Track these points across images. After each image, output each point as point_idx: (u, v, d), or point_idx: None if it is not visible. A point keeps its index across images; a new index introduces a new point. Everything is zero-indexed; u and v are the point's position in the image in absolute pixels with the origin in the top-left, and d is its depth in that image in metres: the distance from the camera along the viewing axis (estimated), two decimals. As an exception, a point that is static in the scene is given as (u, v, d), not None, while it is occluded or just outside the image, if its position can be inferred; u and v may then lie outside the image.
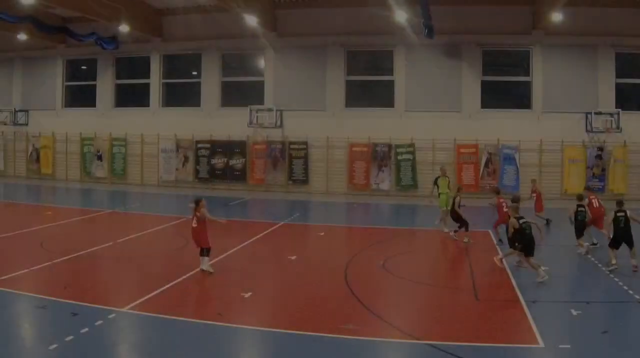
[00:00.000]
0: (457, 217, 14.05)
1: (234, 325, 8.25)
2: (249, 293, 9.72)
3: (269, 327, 8.24)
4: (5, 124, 29.13)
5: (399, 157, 22.87)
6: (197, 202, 10.93)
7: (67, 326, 8.04)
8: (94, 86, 28.30)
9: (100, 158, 27.61)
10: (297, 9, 24.45)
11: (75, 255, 12.48)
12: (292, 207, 20.85)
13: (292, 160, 24.34)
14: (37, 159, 29.25)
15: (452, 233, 14.22)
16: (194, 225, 10.93)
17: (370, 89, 24.68)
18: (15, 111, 29.19)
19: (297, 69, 24.61)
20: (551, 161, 21.62)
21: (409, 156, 22.70)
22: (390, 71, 23.65)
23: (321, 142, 23.94)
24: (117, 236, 14.38)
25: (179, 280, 10.50)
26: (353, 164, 23.54)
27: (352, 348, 7.48)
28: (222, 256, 12.29)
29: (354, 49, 24.14)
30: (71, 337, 7.54)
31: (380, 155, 23.12)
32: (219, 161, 25.41)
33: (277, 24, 24.79)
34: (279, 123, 24.36)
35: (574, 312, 8.76)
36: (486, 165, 22.09)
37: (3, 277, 10.36)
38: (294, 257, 12.67)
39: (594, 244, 13.01)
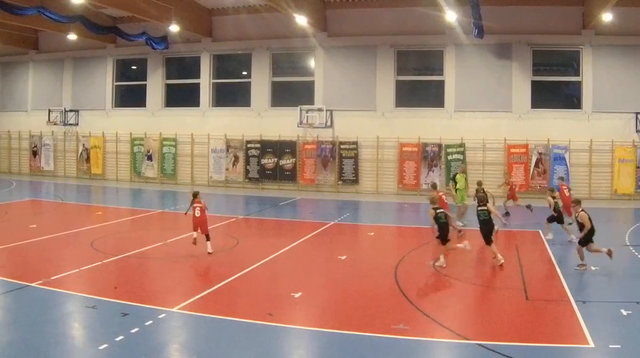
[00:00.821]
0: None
1: (284, 325, 9.17)
2: (299, 293, 10.83)
3: (319, 327, 9.15)
4: (55, 124, 33.39)
5: (449, 157, 25.86)
6: (196, 195, 14.47)
7: (117, 326, 8.95)
8: (144, 86, 32.17)
9: (150, 158, 31.24)
10: (347, 9, 27.69)
11: (125, 255, 14.04)
12: (342, 207, 23.16)
13: (342, 160, 27.63)
14: (87, 159, 33.28)
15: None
16: (198, 214, 14.12)
17: (420, 89, 27.87)
18: (65, 111, 33.42)
19: (347, 69, 27.87)
20: (601, 161, 24.43)
21: (459, 156, 25.65)
22: (440, 71, 26.72)
23: (371, 142, 27.13)
24: (167, 236, 16.10)
25: (229, 280, 11.84)
26: (403, 164, 26.63)
27: (403, 349, 8.29)
28: (272, 256, 14.04)
29: (404, 49, 27.29)
30: (121, 337, 8.44)
31: (430, 155, 26.15)
32: (269, 161, 28.73)
33: (327, 23, 28.10)
34: (329, 123, 27.64)
35: (624, 312, 9.52)
36: (536, 165, 24.92)
37: (54, 277, 11.72)
38: (344, 257, 14.22)
39: (569, 223, 16.07)
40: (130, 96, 33.00)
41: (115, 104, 33.01)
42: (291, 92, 29.18)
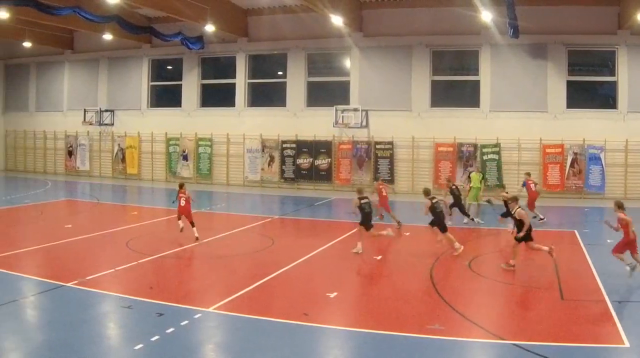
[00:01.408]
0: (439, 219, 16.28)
1: (319, 325, 9.96)
2: (334, 293, 11.77)
3: (354, 327, 9.94)
4: (91, 124, 36.68)
5: (485, 157, 28.23)
6: (181, 186, 17.46)
7: (152, 326, 9.68)
8: (180, 86, 35.25)
9: (185, 158, 34.09)
10: (382, 9, 30.28)
11: (160, 255, 15.25)
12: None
13: (378, 160, 30.19)
14: (123, 159, 36.37)
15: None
16: (183, 204, 17.01)
17: (455, 89, 30.38)
18: (101, 111, 36.70)
19: (382, 69, 30.51)
20: (637, 161, 26.71)
21: (495, 156, 27.98)
22: (475, 71, 29.16)
23: (406, 142, 29.66)
24: (203, 236, 17.30)
25: (264, 280, 12.83)
26: (438, 164, 29.00)
27: (438, 349, 8.97)
28: (308, 256, 15.31)
29: (439, 49, 29.72)
30: (157, 337, 9.12)
31: (465, 155, 28.50)
32: (304, 161, 31.35)
33: (363, 24, 30.73)
34: (364, 123, 30.24)
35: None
36: (572, 165, 27.11)
37: (89, 277, 12.75)
38: (379, 257, 15.58)
39: (541, 219, 19.84)
40: (166, 96, 36.21)
41: (150, 104, 36.16)
42: (326, 92, 31.92)
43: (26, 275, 13.36)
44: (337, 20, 27.49)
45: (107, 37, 33.19)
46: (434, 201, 15.72)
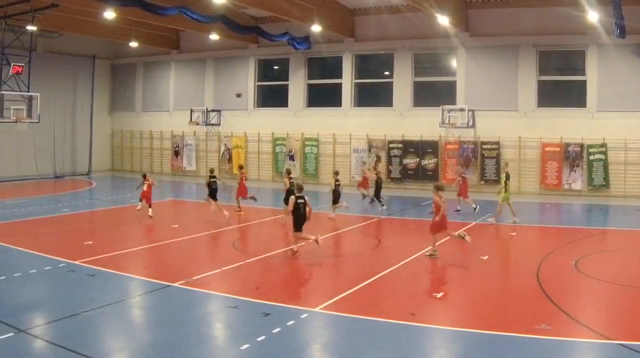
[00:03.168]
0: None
1: (426, 325, 12.08)
2: (441, 293, 14.45)
3: (461, 327, 11.97)
4: (197, 124, 46.59)
5: (591, 157, 35.42)
6: (144, 176, 26.84)
7: (259, 326, 11.83)
8: (286, 86, 44.71)
9: (292, 158, 43.09)
10: (489, 9, 38.28)
11: (266, 255, 18.53)
12: (484, 207, 28.87)
13: (484, 160, 37.59)
14: (229, 159, 45.71)
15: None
16: (145, 188, 25.69)
17: (562, 89, 38.19)
18: (207, 111, 46.57)
19: (488, 69, 38.61)
20: None
21: (601, 156, 35.35)
22: (582, 71, 36.70)
23: (513, 142, 37.27)
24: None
25: (371, 279, 15.45)
26: (545, 164, 36.17)
27: (545, 348, 10.79)
28: (414, 256, 18.42)
29: (546, 49, 37.23)
30: (263, 337, 11.17)
31: (572, 155, 35.66)
32: (411, 161, 39.55)
33: (469, 23, 38.81)
34: (470, 123, 38.27)
35: None
36: (678, 164, 33.78)
37: (195, 277, 15.55)
38: (485, 257, 18.51)
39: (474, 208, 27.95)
40: (272, 96, 46.00)
41: (257, 104, 45.70)
42: (433, 92, 40.41)
43: (133, 275, 16.48)
44: (443, 20, 33.69)
45: (214, 37, 41.53)
46: (299, 201, 19.02)
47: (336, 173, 25.12)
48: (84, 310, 12.94)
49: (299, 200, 18.89)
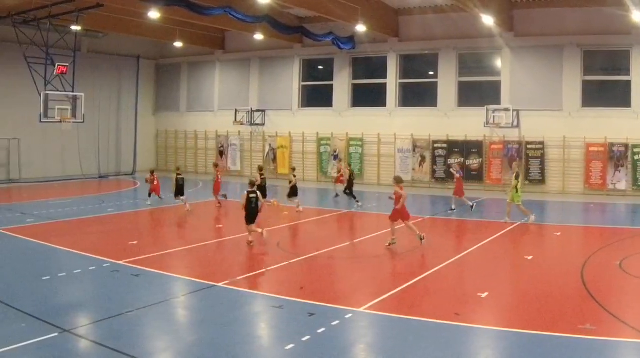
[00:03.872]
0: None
1: (471, 325, 12.68)
2: (486, 293, 14.82)
3: (505, 327, 12.64)
4: (241, 124, 49.66)
5: (636, 157, 37.66)
6: (153, 172, 32.39)
7: (303, 326, 12.50)
8: (330, 86, 47.54)
9: (336, 158, 45.32)
10: (533, 9, 40.62)
11: (311, 255, 19.39)
12: (529, 207, 28.58)
13: (529, 160, 39.96)
14: (274, 159, 48.70)
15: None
16: (155, 183, 31.11)
17: (606, 89, 40.34)
18: (252, 111, 49.58)
19: (533, 69, 41.00)
20: None
21: (646, 156, 37.21)
22: (626, 71, 38.84)
23: (557, 142, 39.64)
24: (354, 236, 22.37)
25: (415, 280, 16.32)
26: (589, 164, 38.46)
27: (589, 348, 11.35)
28: (458, 256, 19.45)
29: (590, 49, 39.50)
30: (308, 337, 11.79)
31: (616, 155, 37.88)
32: (455, 161, 41.65)
33: (514, 23, 41.17)
34: (515, 123, 40.65)
35: None
36: None
37: (240, 277, 16.56)
38: (530, 257, 19.37)
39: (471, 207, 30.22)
40: (316, 96, 48.90)
41: (301, 104, 48.69)
42: (477, 92, 42.91)
43: (177, 275, 17.24)
44: (488, 20, 35.31)
45: (258, 37, 43.89)
46: (251, 196, 21.20)
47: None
48: (129, 310, 13.60)
49: (251, 195, 20.93)
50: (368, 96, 46.11)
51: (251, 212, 21.03)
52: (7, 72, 42.93)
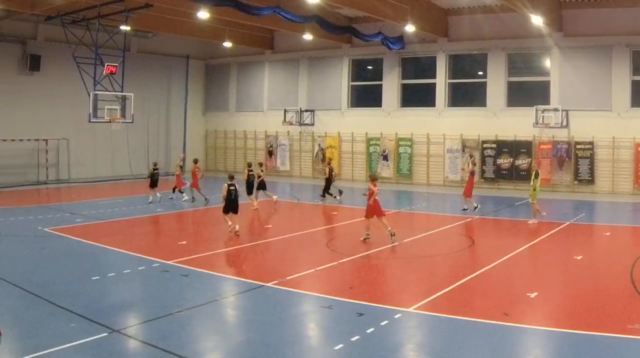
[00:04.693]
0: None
1: (520, 325, 13.42)
2: (535, 293, 15.71)
3: (554, 327, 13.27)
4: (291, 124, 52.81)
5: (686, 157, 39.88)
6: (196, 161, 36.11)
7: (352, 326, 13.31)
8: (379, 86, 50.51)
9: (385, 158, 48.82)
10: (582, 9, 43.14)
11: (360, 255, 20.69)
12: (578, 207, 32.87)
13: (578, 160, 42.71)
14: (323, 159, 51.79)
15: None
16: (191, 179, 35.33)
17: None
18: (301, 111, 52.72)
19: (582, 69, 43.46)
20: None
21: (695, 156, 39.60)
22: (677, 71, 40.81)
23: (607, 142, 42.19)
24: (403, 236, 23.07)
25: (464, 280, 17.15)
26: (639, 164, 40.68)
27: (638, 349, 12.04)
28: (507, 256, 20.39)
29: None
30: (357, 337, 12.53)
31: (665, 155, 40.29)
32: (504, 161, 44.90)
33: (563, 24, 43.74)
34: (564, 123, 43.28)
35: None
36: None
37: (289, 277, 17.36)
38: (579, 257, 20.43)
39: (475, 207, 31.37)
40: (365, 96, 51.87)
41: (350, 104, 51.77)
42: (526, 92, 45.38)
43: (226, 275, 18.35)
44: (537, 20, 36.67)
45: (307, 37, 46.32)
46: (230, 188, 24.42)
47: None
48: (178, 310, 14.35)
49: (231, 188, 24.10)
50: (417, 96, 48.69)
51: (230, 203, 24.17)
52: (56, 72, 45.55)
